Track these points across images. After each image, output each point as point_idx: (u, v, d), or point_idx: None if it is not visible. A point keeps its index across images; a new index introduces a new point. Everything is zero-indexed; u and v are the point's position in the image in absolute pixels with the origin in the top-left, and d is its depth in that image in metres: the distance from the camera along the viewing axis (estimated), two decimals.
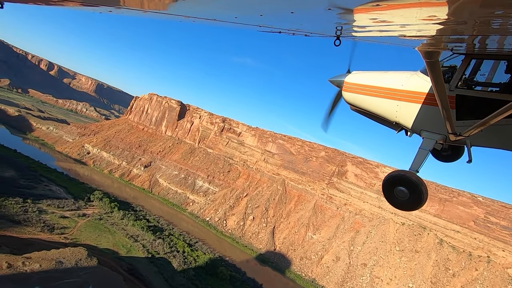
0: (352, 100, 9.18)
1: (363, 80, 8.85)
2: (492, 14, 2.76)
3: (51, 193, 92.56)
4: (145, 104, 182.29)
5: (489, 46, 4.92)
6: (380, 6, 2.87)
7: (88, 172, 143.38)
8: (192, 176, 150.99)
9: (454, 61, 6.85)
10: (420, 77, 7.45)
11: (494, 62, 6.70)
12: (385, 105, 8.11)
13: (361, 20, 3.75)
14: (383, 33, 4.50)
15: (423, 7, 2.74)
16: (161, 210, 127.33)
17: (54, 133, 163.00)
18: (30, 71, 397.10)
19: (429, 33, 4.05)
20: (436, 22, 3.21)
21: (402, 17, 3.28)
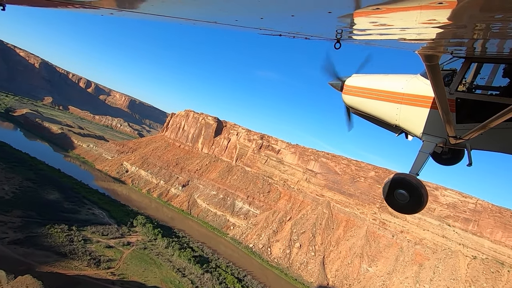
0: (352, 103, 9.04)
1: (363, 83, 8.73)
2: (491, 18, 2.77)
3: (94, 218, 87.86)
4: (181, 120, 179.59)
5: (489, 49, 4.92)
6: (380, 9, 2.85)
7: (127, 191, 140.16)
8: (231, 197, 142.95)
9: (454, 64, 6.77)
10: (420, 81, 7.35)
11: (494, 65, 6.64)
12: (385, 108, 7.98)
13: (361, 24, 3.71)
14: (383, 36, 4.50)
15: (423, 10, 2.72)
16: (201, 233, 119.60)
17: (94, 151, 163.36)
18: (70, 89, 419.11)
19: (429, 37, 4.03)
20: (436, 26, 3.22)
21: (402, 21, 3.26)
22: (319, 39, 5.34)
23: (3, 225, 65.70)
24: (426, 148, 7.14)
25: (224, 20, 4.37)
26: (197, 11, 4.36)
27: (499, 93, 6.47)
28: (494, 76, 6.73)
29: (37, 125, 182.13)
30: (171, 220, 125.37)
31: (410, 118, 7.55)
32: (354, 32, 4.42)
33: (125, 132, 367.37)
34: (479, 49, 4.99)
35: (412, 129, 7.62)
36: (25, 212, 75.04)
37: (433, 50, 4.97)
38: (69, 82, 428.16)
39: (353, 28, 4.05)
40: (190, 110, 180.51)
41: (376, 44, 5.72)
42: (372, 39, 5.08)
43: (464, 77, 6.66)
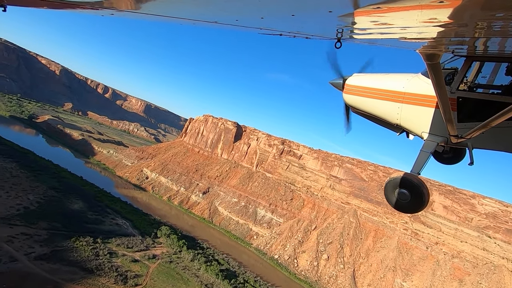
0: (353, 102, 9.02)
1: (364, 82, 8.70)
2: (493, 16, 2.78)
3: (118, 229, 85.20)
4: (200, 125, 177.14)
5: (490, 48, 4.94)
6: (381, 8, 2.87)
7: (147, 198, 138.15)
8: (252, 204, 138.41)
9: (455, 63, 6.74)
10: (421, 80, 7.33)
11: (495, 64, 6.66)
12: (386, 107, 7.96)
13: (362, 23, 3.73)
14: (383, 35, 4.51)
15: (424, 9, 2.73)
16: (224, 243, 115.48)
17: (114, 157, 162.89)
18: (89, 95, 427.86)
19: (430, 36, 4.05)
20: (437, 25, 3.23)
21: (403, 20, 3.28)
22: (319, 38, 5.34)
23: (29, 239, 63.56)
24: (427, 147, 7.08)
25: (224, 20, 4.36)
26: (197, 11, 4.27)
27: (501, 92, 6.43)
28: (495, 74, 6.72)
29: (58, 132, 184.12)
30: (191, 228, 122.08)
31: (411, 117, 7.49)
32: (354, 32, 4.40)
33: (141, 136, 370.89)
34: (480, 48, 5.01)
35: (413, 128, 7.60)
36: (50, 223, 73.03)
37: (434, 49, 4.98)
38: (88, 88, 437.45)
39: (354, 27, 4.03)
40: (209, 115, 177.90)
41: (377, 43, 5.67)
42: (372, 38, 5.04)
43: (465, 76, 6.59)
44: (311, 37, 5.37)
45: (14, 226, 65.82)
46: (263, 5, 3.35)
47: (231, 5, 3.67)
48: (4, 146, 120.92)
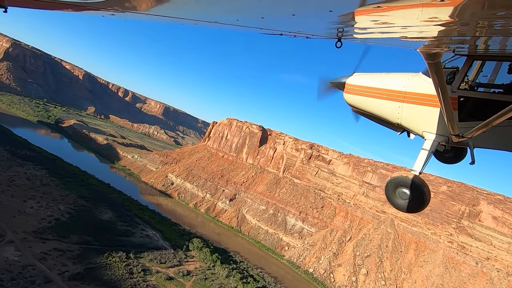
0: (354, 101, 8.93)
1: (365, 82, 8.61)
2: (494, 15, 2.76)
3: (149, 242, 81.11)
4: (224, 129, 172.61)
5: (491, 47, 4.95)
6: (381, 7, 2.87)
7: (172, 204, 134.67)
8: (281, 212, 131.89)
9: (456, 62, 6.66)
10: (422, 79, 7.27)
11: (497, 63, 6.62)
12: (387, 107, 7.90)
13: (362, 22, 3.71)
14: (384, 34, 4.51)
15: (424, 8, 2.72)
16: (253, 253, 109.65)
17: (139, 162, 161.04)
18: (110, 98, 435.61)
19: (431, 35, 4.02)
20: (438, 24, 3.22)
21: (404, 19, 3.27)
22: (320, 38, 5.34)
23: (62, 255, 60.09)
24: (428, 147, 7.05)
25: (225, 20, 4.37)
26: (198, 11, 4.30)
27: (502, 91, 6.40)
28: (496, 73, 6.67)
29: (84, 136, 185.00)
30: (218, 237, 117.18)
31: (412, 116, 7.43)
32: (355, 31, 4.41)
33: (161, 139, 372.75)
34: (482, 47, 5.02)
35: (414, 128, 7.54)
36: (81, 237, 69.67)
37: (435, 48, 4.96)
38: (109, 92, 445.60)
39: (354, 26, 4.03)
40: (233, 119, 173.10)
41: (378, 43, 5.68)
42: (373, 38, 5.04)
43: (466, 75, 6.55)
44: (311, 36, 5.35)
45: (47, 241, 62.65)
46: (263, 5, 3.28)
47: (231, 5, 3.58)
48: (33, 152, 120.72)
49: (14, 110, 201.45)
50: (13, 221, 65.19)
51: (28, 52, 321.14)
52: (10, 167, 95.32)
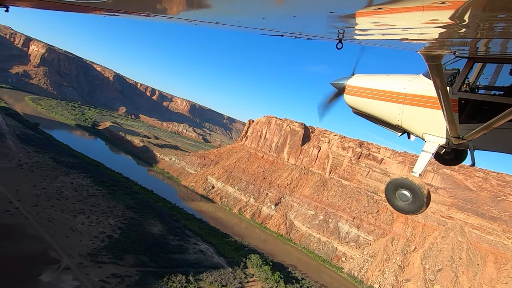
0: (354, 103, 8.90)
1: (365, 83, 8.58)
2: (494, 17, 2.77)
3: (204, 258, 74.10)
4: (262, 128, 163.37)
5: (492, 49, 4.93)
6: (382, 9, 2.86)
7: (213, 209, 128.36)
8: (333, 218, 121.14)
9: (457, 64, 6.65)
10: (423, 81, 7.23)
11: (497, 65, 6.63)
12: (387, 108, 7.87)
13: (363, 24, 3.73)
14: (385, 36, 4.51)
15: (425, 10, 2.72)
16: (307, 265, 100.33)
17: (177, 164, 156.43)
18: (139, 98, 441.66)
19: (432, 37, 4.02)
20: (439, 26, 3.23)
21: (404, 21, 3.27)
22: (321, 39, 5.33)
23: (122, 282, 54.03)
24: (428, 149, 7.08)
25: (226, 21, 4.39)
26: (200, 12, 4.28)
27: (503, 93, 6.43)
28: (497, 76, 6.71)
29: (120, 139, 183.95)
30: (264, 244, 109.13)
31: (412, 118, 7.42)
32: (356, 32, 4.41)
33: (190, 137, 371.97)
34: (482, 49, 5.00)
35: (415, 130, 7.55)
36: (137, 257, 63.68)
37: (435, 50, 4.97)
38: (138, 92, 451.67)
39: (355, 28, 4.05)
40: (272, 116, 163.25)
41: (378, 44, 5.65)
42: (374, 39, 5.04)
43: (467, 77, 6.56)
44: (312, 38, 5.30)
45: (103, 265, 56.87)
46: (264, 6, 3.29)
47: (232, 6, 3.57)
48: (76, 158, 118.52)
49: (53, 114, 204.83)
50: (67, 242, 60.14)
51: (62, 56, 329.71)
52: (57, 177, 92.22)
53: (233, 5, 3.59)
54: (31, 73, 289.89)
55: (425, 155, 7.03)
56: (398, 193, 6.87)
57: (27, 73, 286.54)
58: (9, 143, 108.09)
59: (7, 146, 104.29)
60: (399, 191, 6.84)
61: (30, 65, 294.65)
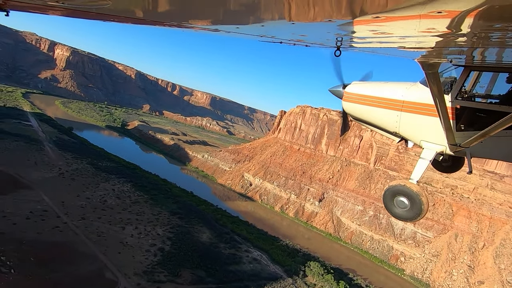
0: (352, 110, 9.01)
1: (363, 90, 8.67)
2: (490, 27, 2.82)
3: (260, 268, 68.39)
4: (296, 119, 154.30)
5: (488, 58, 4.98)
6: (380, 18, 2.90)
7: (252, 207, 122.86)
8: (384, 213, 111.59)
9: (454, 72, 6.78)
10: (420, 88, 7.28)
11: (493, 74, 6.74)
12: (384, 115, 7.94)
13: (361, 32, 3.77)
14: (382, 44, 4.54)
15: (422, 19, 2.75)
16: (361, 265, 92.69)
17: (210, 162, 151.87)
18: (161, 94, 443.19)
19: (428, 45, 4.05)
20: (436, 34, 3.27)
21: (402, 29, 3.32)
22: (319, 46, 5.33)
23: None
24: (426, 156, 7.12)
25: (225, 28, 4.39)
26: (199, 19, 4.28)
27: (499, 101, 6.48)
28: (493, 84, 6.80)
29: (151, 138, 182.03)
30: (309, 243, 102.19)
31: (410, 125, 7.47)
32: (354, 40, 4.42)
33: (214, 131, 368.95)
34: (479, 58, 5.02)
35: (412, 137, 7.62)
36: (193, 272, 58.80)
37: (432, 58, 4.98)
38: (159, 88, 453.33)
39: (353, 36, 4.08)
40: (307, 106, 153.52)
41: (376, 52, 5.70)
42: (372, 47, 5.09)
43: (463, 85, 6.63)
44: (310, 45, 5.31)
45: (161, 285, 52.29)
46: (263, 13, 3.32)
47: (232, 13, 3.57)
48: (113, 162, 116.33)
49: (84, 117, 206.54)
50: (120, 259, 56.07)
51: (85, 58, 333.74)
52: (98, 184, 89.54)
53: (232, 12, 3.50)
54: (58, 76, 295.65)
55: (423, 162, 7.07)
56: (396, 200, 6.88)
57: (55, 77, 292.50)
58: (48, 151, 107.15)
59: (46, 154, 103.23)
60: (397, 198, 6.85)
61: (56, 69, 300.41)
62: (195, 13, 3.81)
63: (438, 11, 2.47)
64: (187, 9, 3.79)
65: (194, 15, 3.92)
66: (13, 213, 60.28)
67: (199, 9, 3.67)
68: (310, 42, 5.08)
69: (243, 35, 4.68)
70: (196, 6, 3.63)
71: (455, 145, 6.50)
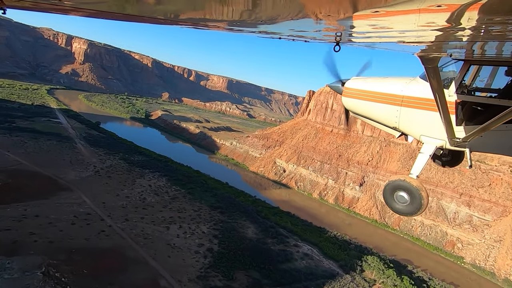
0: (352, 105, 8.89)
1: (363, 86, 8.56)
2: (490, 20, 2.81)
3: (314, 265, 63.85)
4: (327, 98, 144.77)
5: (488, 52, 4.92)
6: (379, 12, 2.88)
7: (287, 194, 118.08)
8: (433, 196, 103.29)
9: (454, 66, 6.64)
10: (420, 83, 7.19)
11: (493, 68, 6.65)
12: (384, 110, 7.83)
13: (360, 27, 3.75)
14: (382, 39, 4.52)
15: (422, 13, 2.73)
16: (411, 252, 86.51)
17: (239, 149, 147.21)
18: (178, 81, 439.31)
19: (428, 39, 4.04)
20: (435, 29, 3.27)
21: (401, 23, 3.30)
22: (318, 41, 5.29)
23: None
24: (426, 150, 7.02)
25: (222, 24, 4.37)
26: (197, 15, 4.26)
27: (498, 95, 6.38)
28: (493, 78, 6.72)
29: (176, 127, 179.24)
30: (350, 229, 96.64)
31: (409, 120, 7.37)
32: (353, 35, 4.40)
33: (235, 115, 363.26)
34: (478, 52, 4.97)
35: (412, 132, 7.51)
36: (248, 274, 55.11)
37: (432, 52, 4.95)
38: (176, 75, 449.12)
39: (352, 31, 4.05)
40: None
41: (376, 47, 5.63)
42: (371, 42, 5.02)
43: (463, 79, 6.55)
44: (310, 40, 5.26)
45: None
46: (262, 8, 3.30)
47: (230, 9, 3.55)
48: (144, 156, 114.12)
49: (108, 110, 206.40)
50: (171, 264, 53.03)
51: (102, 50, 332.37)
52: (134, 180, 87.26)
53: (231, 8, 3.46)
54: (79, 70, 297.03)
55: (423, 157, 6.99)
56: (396, 195, 6.82)
57: (75, 71, 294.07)
58: (80, 148, 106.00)
59: (80, 152, 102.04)
60: (397, 193, 6.80)
61: (76, 63, 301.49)
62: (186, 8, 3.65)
63: (438, 5, 2.46)
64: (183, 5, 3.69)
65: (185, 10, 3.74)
66: (58, 219, 58.37)
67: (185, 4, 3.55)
68: (309, 38, 4.95)
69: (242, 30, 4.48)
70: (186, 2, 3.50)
71: (455, 139, 6.44)
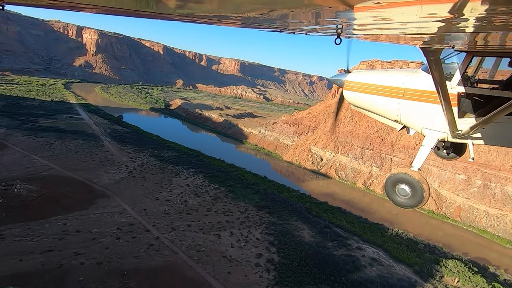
0: (353, 98, 8.88)
1: (364, 78, 8.53)
2: (493, 11, 2.77)
3: (386, 272, 56.08)
4: None
5: (491, 43, 4.95)
6: (381, 4, 2.85)
7: (325, 184, 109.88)
8: (495, 182, 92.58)
9: (456, 58, 6.54)
10: (421, 75, 7.16)
11: (496, 59, 6.60)
12: (386, 103, 7.76)
13: (362, 19, 3.72)
14: (383, 31, 4.52)
15: (424, 4, 2.71)
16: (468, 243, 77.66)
17: (269, 137, 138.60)
18: (190, 66, 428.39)
19: (430, 31, 4.01)
20: (437, 20, 3.24)
21: (403, 15, 3.27)
22: (319, 34, 5.28)
23: None
24: (427, 143, 7.00)
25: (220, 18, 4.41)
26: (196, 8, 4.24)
27: (501, 87, 6.36)
28: (496, 69, 6.66)
29: (198, 116, 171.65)
30: (396, 219, 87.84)
31: (411, 113, 7.31)
32: (354, 28, 4.40)
33: (252, 99, 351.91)
34: (481, 43, 4.98)
35: (414, 125, 7.46)
36: None
37: (434, 44, 4.90)
38: (188, 61, 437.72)
39: (354, 23, 4.03)
40: (376, 61, 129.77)
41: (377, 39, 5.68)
42: (373, 34, 5.05)
43: (466, 71, 6.50)
44: (310, 33, 5.20)
45: None
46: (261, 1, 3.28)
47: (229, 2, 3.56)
48: (173, 151, 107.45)
49: (126, 101, 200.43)
50: (234, 282, 46.41)
51: (113, 39, 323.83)
52: (170, 180, 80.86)
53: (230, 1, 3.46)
54: (92, 62, 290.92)
55: (424, 150, 6.96)
56: (398, 188, 6.81)
57: (88, 63, 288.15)
58: (108, 146, 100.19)
59: (108, 151, 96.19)
60: (399, 186, 6.79)
61: (88, 54, 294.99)
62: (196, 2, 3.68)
63: None
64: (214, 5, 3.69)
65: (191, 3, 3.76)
66: (101, 233, 52.47)
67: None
68: (310, 30, 4.90)
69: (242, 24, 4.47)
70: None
71: (457, 131, 6.42)
